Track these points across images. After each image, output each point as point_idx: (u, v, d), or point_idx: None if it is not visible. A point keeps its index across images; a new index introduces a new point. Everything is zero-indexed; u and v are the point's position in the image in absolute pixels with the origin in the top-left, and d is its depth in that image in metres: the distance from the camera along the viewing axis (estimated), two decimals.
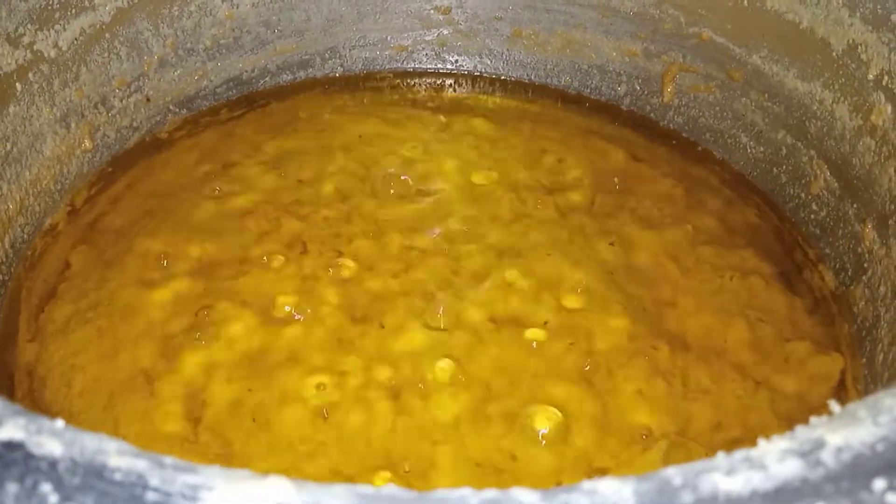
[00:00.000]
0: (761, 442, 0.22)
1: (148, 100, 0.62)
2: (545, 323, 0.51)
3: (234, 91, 0.68)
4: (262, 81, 0.69)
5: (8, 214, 0.49)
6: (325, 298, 0.52)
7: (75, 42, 0.54)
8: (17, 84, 0.50)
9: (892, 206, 0.47)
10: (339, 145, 0.65)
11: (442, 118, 0.69)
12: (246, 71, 0.68)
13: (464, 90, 0.73)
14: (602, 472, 0.43)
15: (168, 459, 0.21)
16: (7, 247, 0.50)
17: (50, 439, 0.21)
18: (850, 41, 0.50)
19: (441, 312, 0.51)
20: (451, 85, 0.73)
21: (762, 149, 0.60)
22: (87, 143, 0.57)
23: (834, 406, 0.24)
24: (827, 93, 0.53)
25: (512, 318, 0.51)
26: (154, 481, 0.20)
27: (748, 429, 0.46)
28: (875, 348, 0.46)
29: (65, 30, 0.53)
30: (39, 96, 0.52)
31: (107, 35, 0.56)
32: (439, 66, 0.74)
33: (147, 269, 0.53)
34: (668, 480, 0.21)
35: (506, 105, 0.72)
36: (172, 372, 0.47)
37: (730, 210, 0.61)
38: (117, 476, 0.20)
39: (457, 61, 0.73)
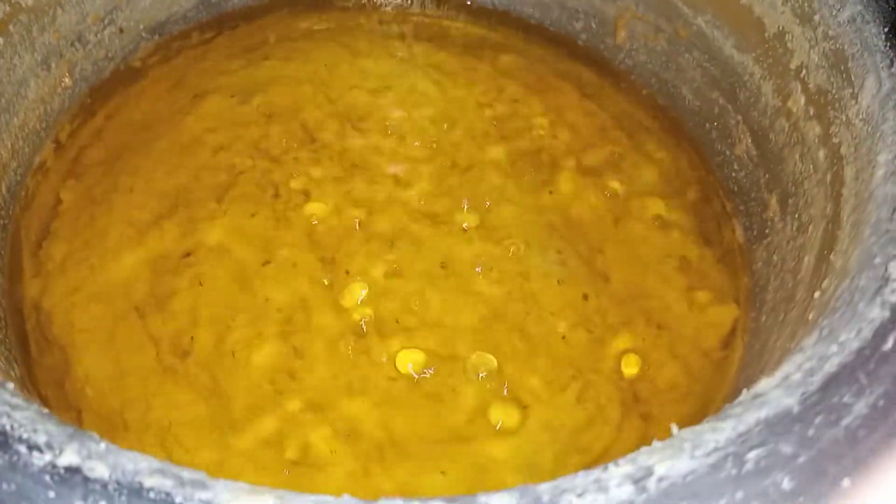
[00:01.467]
0: (611, 466, 0.30)
1: (121, 31, 0.64)
2: (490, 269, 0.58)
3: (203, 13, 0.70)
4: (230, 2, 0.71)
5: (2, 162, 0.54)
6: (295, 241, 0.58)
7: None
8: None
9: (793, 188, 0.53)
10: (305, 77, 0.68)
11: (405, 48, 0.72)
12: None
13: (430, 13, 0.76)
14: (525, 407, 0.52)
15: (187, 475, 0.29)
16: (4, 191, 0.54)
17: (99, 463, 0.28)
18: (780, 27, 0.55)
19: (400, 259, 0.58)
20: (417, 7, 0.76)
21: (698, 103, 0.65)
22: (67, 80, 0.60)
23: (674, 428, 0.32)
24: (756, 68, 0.58)
25: (460, 262, 0.58)
26: (178, 498, 0.28)
27: (648, 365, 0.55)
28: (762, 308, 0.55)
29: None
30: (21, 45, 0.54)
31: None
32: None
33: (131, 208, 0.58)
34: (538, 497, 0.29)
35: (469, 32, 0.75)
36: (161, 311, 0.54)
37: (665, 156, 0.67)
38: (151, 494, 0.28)
39: None
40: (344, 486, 0.49)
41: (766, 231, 0.57)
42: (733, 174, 0.62)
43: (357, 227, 0.59)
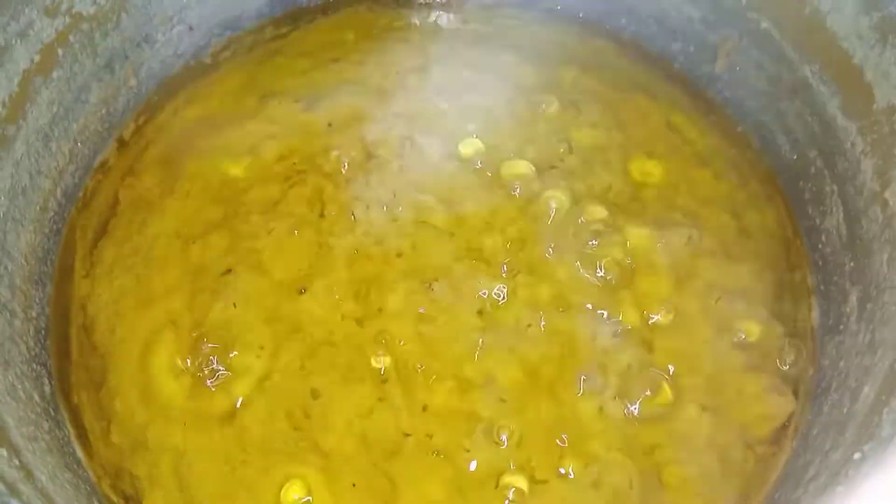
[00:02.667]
0: None
1: (191, 28, 0.63)
2: (528, 326, 0.55)
3: (278, 8, 0.68)
4: None
5: (58, 168, 0.55)
6: (333, 271, 0.57)
7: None
8: (58, 50, 0.52)
9: (875, 292, 0.47)
10: (374, 85, 0.65)
11: (484, 55, 0.68)
12: None
13: (516, 15, 0.70)
14: None
15: None
16: (59, 196, 0.56)
17: None
18: (890, 103, 0.47)
19: (436, 293, 0.56)
20: (504, 6, 0.70)
21: (795, 157, 0.58)
22: (133, 81, 0.61)
23: None
24: (860, 139, 0.50)
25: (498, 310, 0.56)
26: None
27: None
28: (818, 415, 0.49)
29: None
30: (81, 53, 0.55)
31: None
32: None
33: (183, 219, 0.59)
34: None
35: (555, 40, 0.69)
36: (198, 336, 0.55)
37: (749, 205, 0.61)
38: None
39: None
40: None
41: (841, 328, 0.51)
42: (820, 246, 0.56)
43: (397, 260, 0.57)
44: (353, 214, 0.59)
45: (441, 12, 0.71)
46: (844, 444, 0.41)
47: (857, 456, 0.37)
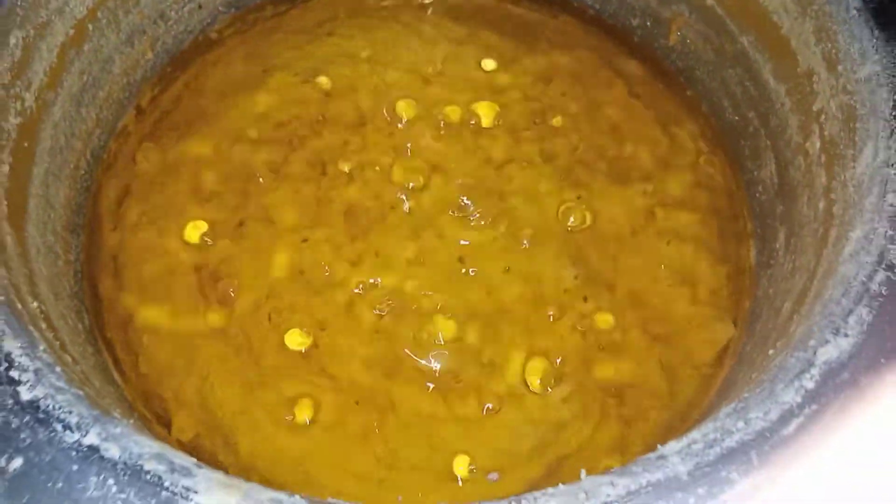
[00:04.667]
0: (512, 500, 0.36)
1: (200, 6, 0.70)
2: (506, 269, 0.63)
3: None
4: None
5: (87, 131, 0.62)
6: (332, 221, 0.65)
7: None
8: (88, 25, 0.59)
9: (797, 229, 0.55)
10: (365, 57, 0.73)
11: (464, 30, 0.75)
12: None
13: None
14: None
15: (178, 462, 0.37)
16: (88, 157, 0.63)
17: (112, 445, 0.36)
18: (810, 67, 0.55)
19: (424, 241, 0.64)
20: None
21: (737, 118, 0.66)
22: (149, 54, 0.67)
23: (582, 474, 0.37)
24: (787, 100, 0.58)
25: (480, 258, 0.64)
26: (167, 482, 0.36)
27: (636, 376, 0.60)
28: (750, 337, 0.58)
29: None
30: (108, 28, 0.62)
31: None
32: None
33: (197, 178, 0.66)
34: None
35: (529, 19, 0.77)
36: (215, 279, 0.62)
37: (699, 162, 0.69)
38: (148, 476, 0.36)
39: None
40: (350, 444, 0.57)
41: (771, 262, 0.59)
42: (757, 195, 0.64)
43: (390, 212, 0.65)
44: (349, 173, 0.67)
45: None
46: (765, 349, 0.49)
47: (771, 352, 0.45)
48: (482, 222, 0.65)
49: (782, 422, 0.37)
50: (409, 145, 0.68)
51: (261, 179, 0.66)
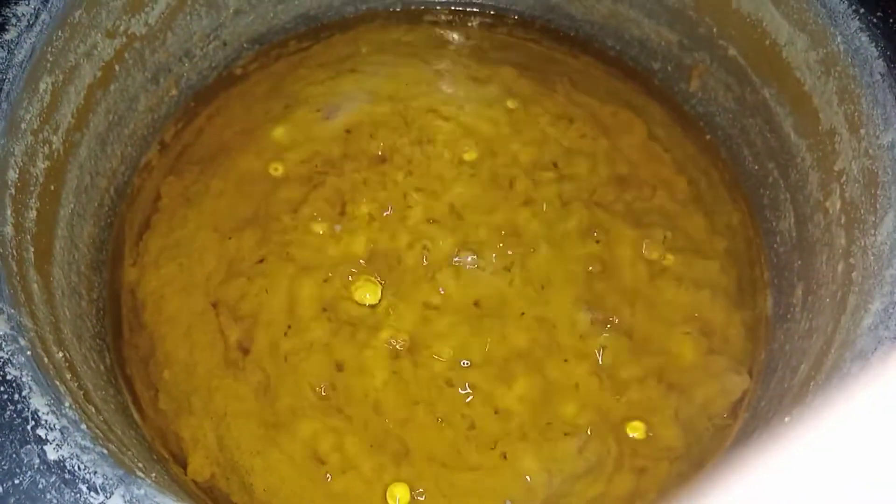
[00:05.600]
0: None
1: (225, 44, 0.71)
2: (521, 314, 0.63)
3: (301, 25, 0.75)
4: (327, 14, 0.76)
5: (112, 169, 0.63)
6: (352, 262, 0.65)
7: (162, 16, 0.63)
8: (115, 66, 0.60)
9: (815, 287, 0.55)
10: (386, 95, 0.74)
11: (486, 69, 0.76)
12: (313, 8, 0.75)
13: (515, 34, 0.78)
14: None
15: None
16: (112, 193, 0.64)
17: None
18: (832, 126, 0.55)
19: (442, 292, 0.64)
20: (503, 26, 0.78)
21: (756, 167, 0.66)
22: (174, 91, 0.68)
23: None
24: (808, 155, 0.58)
25: (496, 302, 0.64)
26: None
27: (651, 425, 0.60)
28: (765, 392, 0.58)
29: (153, 9, 0.62)
30: (134, 67, 0.62)
31: (188, 1, 0.65)
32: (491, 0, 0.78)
33: (219, 213, 0.67)
34: None
35: (551, 57, 0.77)
36: (234, 317, 0.63)
37: (718, 208, 0.69)
38: None
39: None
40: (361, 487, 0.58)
41: (788, 316, 0.59)
42: (775, 246, 0.64)
43: (408, 252, 0.66)
44: (369, 213, 0.67)
45: (447, 30, 0.78)
46: (781, 411, 0.50)
47: (787, 419, 0.45)
48: (499, 265, 0.65)
49: None
50: (428, 185, 0.69)
51: (281, 216, 0.67)
